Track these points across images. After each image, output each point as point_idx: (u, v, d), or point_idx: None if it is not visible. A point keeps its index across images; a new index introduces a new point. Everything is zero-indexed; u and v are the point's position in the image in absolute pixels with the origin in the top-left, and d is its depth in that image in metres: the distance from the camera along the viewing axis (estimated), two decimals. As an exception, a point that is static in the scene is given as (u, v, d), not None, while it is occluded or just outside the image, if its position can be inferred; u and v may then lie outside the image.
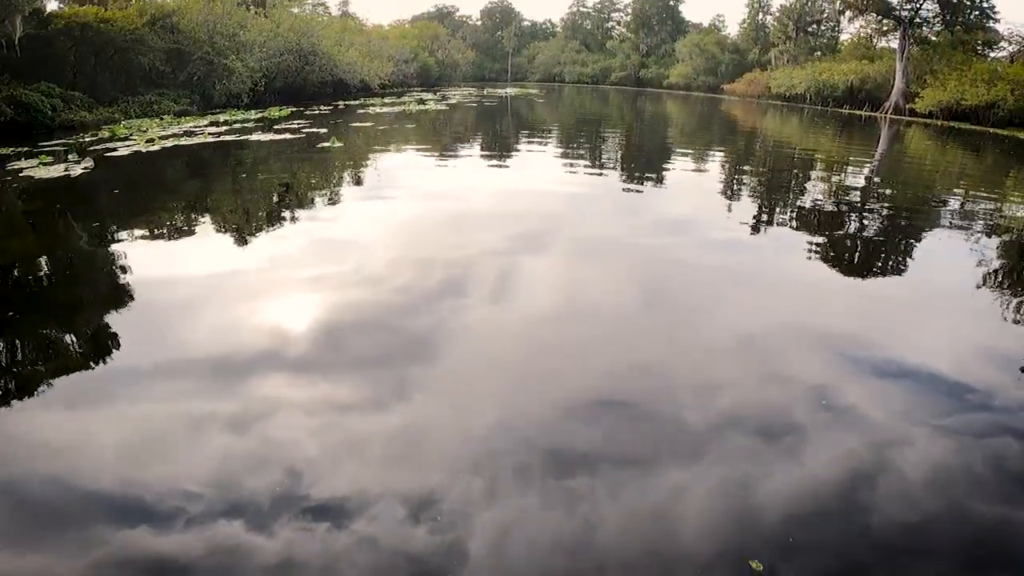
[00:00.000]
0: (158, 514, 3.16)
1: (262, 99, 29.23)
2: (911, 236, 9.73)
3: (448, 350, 4.99)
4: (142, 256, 7.17)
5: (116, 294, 5.97)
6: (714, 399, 4.38)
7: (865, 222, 10.57)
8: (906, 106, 36.88)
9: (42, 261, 7.13)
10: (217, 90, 26.46)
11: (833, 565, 3.07)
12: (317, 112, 26.17)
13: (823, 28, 53.93)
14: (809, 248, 8.64)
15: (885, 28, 42.43)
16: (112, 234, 8.23)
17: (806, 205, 11.71)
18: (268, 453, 3.63)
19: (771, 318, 5.90)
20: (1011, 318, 6.33)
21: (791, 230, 9.71)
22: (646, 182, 13.68)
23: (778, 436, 3.97)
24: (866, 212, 11.39)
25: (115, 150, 14.01)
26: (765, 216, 10.53)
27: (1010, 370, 5.07)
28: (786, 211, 11.17)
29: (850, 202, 12.23)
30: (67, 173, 11.06)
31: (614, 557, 3.04)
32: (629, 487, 3.45)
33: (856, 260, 8.37)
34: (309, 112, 25.85)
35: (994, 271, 7.83)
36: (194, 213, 9.63)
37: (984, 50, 39.13)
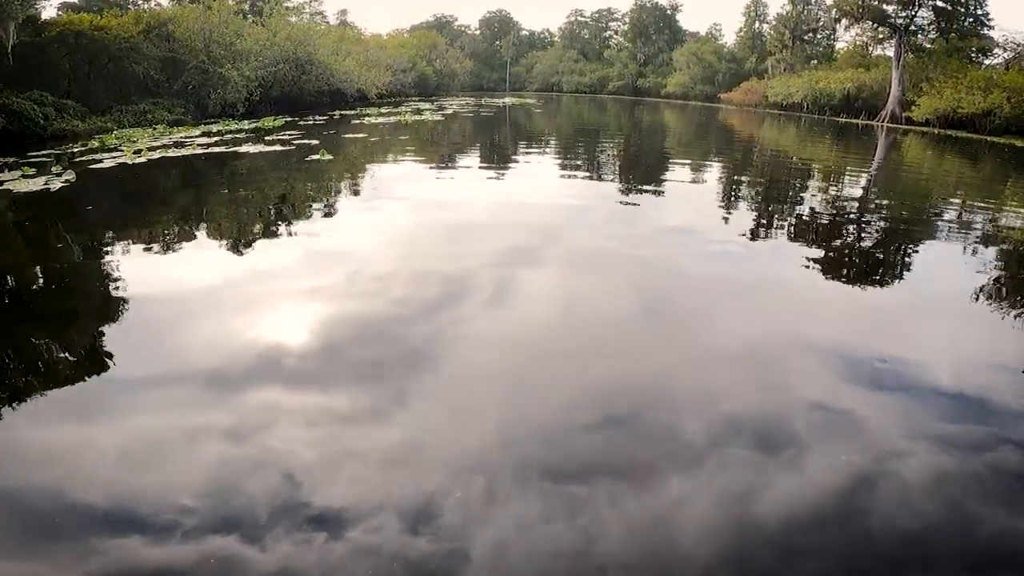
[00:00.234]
0: (154, 526, 3.14)
1: (257, 109, 29.09)
2: (909, 246, 9.68)
3: (446, 361, 4.96)
4: (103, 276, 6.84)
5: (76, 315, 5.83)
6: (714, 409, 4.36)
7: (863, 232, 10.52)
8: (903, 114, 36.89)
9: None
10: (212, 99, 26.32)
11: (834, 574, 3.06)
12: (311, 122, 25.95)
13: (819, 36, 54.11)
14: (808, 258, 8.60)
15: (881, 36, 42.53)
16: (75, 252, 7.82)
17: (804, 215, 11.67)
18: (265, 465, 3.59)
19: (770, 328, 5.88)
20: (1010, 327, 6.31)
21: (789, 240, 9.67)
22: (644, 192, 13.60)
23: (778, 446, 3.94)
24: (864, 222, 11.33)
25: (101, 162, 13.72)
26: (763, 226, 10.50)
27: (1010, 379, 5.03)
28: (784, 221, 11.14)
29: (848, 212, 12.17)
30: (47, 187, 10.80)
31: (614, 569, 3.02)
32: (629, 498, 3.44)
33: (855, 270, 8.32)
34: (303, 122, 25.63)
35: (993, 280, 7.78)
36: (169, 230, 9.15)
37: (978, 57, 39.19)
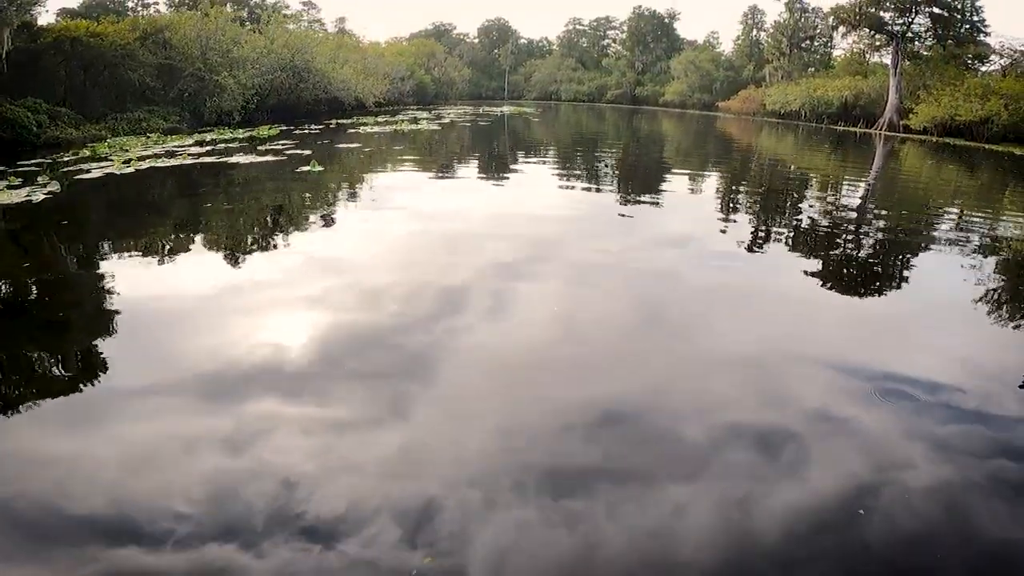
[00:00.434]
0: (150, 535, 3.11)
1: (254, 117, 28.95)
2: (909, 256, 9.63)
3: (445, 371, 4.96)
4: (62, 297, 6.57)
5: (35, 337, 5.62)
6: (714, 419, 4.34)
7: (862, 242, 10.48)
8: (900, 122, 36.86)
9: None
10: (208, 107, 26.17)
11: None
12: (307, 131, 25.65)
13: (816, 44, 54.14)
14: (807, 268, 8.56)
15: (878, 43, 42.54)
16: (37, 271, 7.41)
17: (803, 225, 11.61)
18: (262, 475, 3.57)
19: (770, 338, 5.86)
20: (1009, 336, 6.31)
21: (788, 250, 9.62)
22: (643, 203, 13.50)
23: (779, 456, 3.92)
24: (863, 232, 11.28)
25: (88, 172, 13.53)
26: (763, 236, 10.47)
27: (1009, 388, 5.01)
28: (783, 231, 11.12)
29: (847, 222, 12.11)
30: (28, 199, 10.52)
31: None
32: (629, 505, 3.42)
33: (854, 280, 8.28)
34: (299, 131, 25.35)
35: (992, 291, 7.72)
36: (143, 247, 8.71)
37: (975, 64, 39.19)
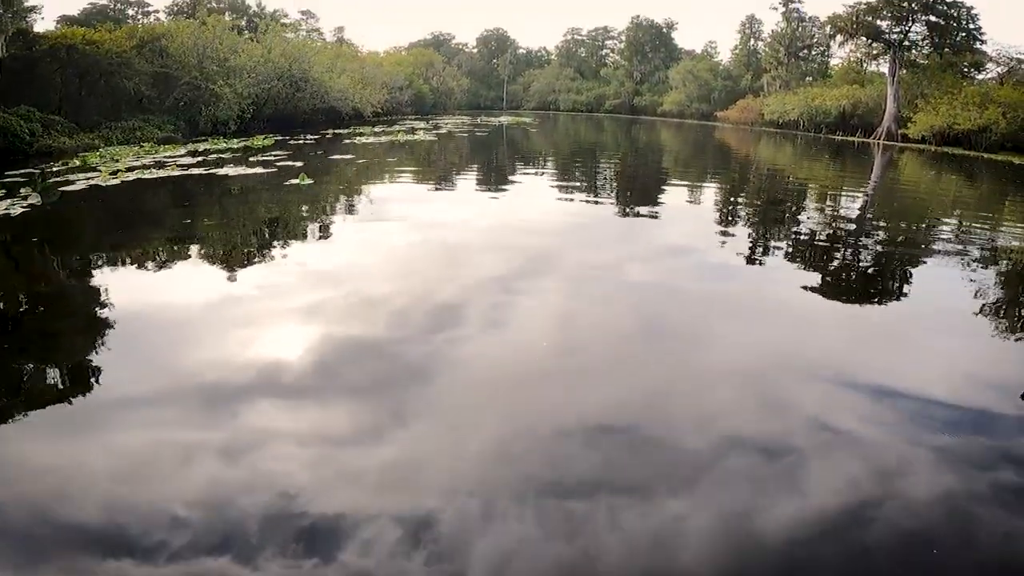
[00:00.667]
0: (144, 547, 3.07)
1: (250, 127, 28.75)
2: (908, 267, 9.57)
3: (444, 381, 4.95)
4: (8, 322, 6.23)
5: None
6: (714, 429, 4.33)
7: (862, 253, 10.42)
8: (898, 131, 36.81)
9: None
10: (203, 116, 26.03)
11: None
12: (301, 141, 25.36)
13: (814, 53, 54.23)
14: (806, 278, 8.53)
15: (875, 52, 42.57)
16: None
17: (803, 236, 11.53)
18: (259, 485, 3.54)
19: (770, 348, 5.85)
20: (1009, 346, 6.30)
21: (787, 260, 9.58)
22: (642, 214, 13.37)
23: (777, 464, 3.91)
24: (862, 243, 11.21)
25: (74, 183, 13.25)
26: (761, 246, 10.43)
27: (1009, 397, 4.99)
28: (782, 241, 11.06)
29: (846, 233, 12.04)
30: (7, 212, 10.20)
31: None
32: (628, 515, 3.40)
33: (853, 291, 8.24)
34: (294, 141, 25.06)
35: (992, 301, 7.64)
36: (113, 265, 8.27)
37: (971, 72, 39.20)
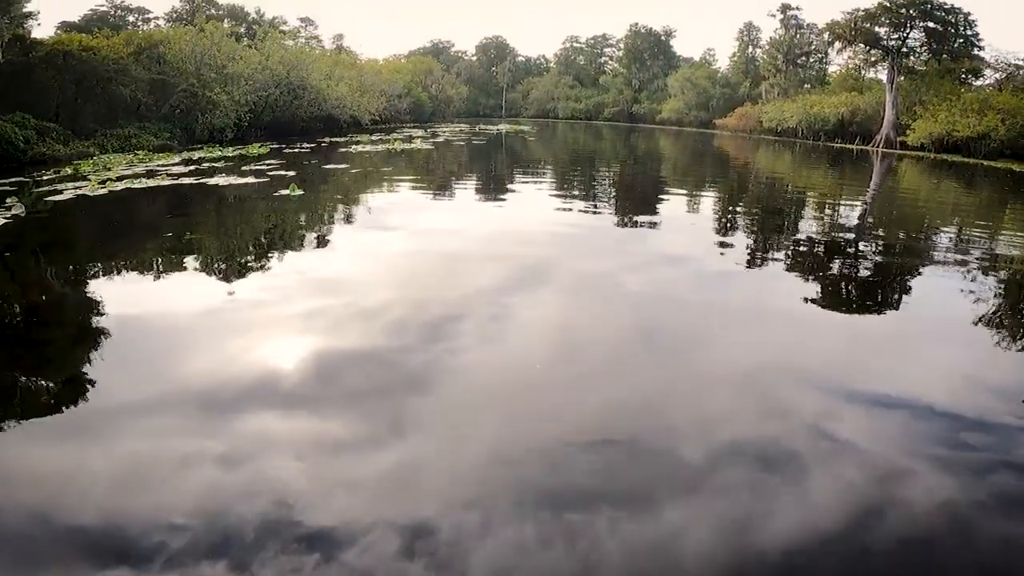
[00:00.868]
0: (142, 553, 3.07)
1: (247, 134, 28.62)
2: (907, 275, 9.52)
3: (443, 391, 4.91)
4: None
5: None
6: (713, 437, 4.33)
7: (861, 261, 10.37)
8: (897, 139, 36.75)
9: None
10: (200, 124, 25.89)
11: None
12: (297, 150, 25.04)
13: (812, 60, 54.27)
14: (805, 287, 8.53)
15: (873, 58, 42.59)
16: None
17: (802, 245, 11.48)
18: (257, 493, 3.53)
19: (769, 356, 5.83)
20: (1009, 354, 6.28)
21: (786, 269, 9.53)
22: (640, 223, 13.23)
23: (776, 472, 3.91)
24: (861, 251, 11.17)
25: (61, 193, 12.89)
26: (761, 255, 10.39)
27: (1009, 405, 4.98)
28: (781, 250, 11.00)
29: (846, 242, 11.99)
30: None
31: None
32: (628, 523, 3.40)
33: (853, 299, 8.21)
34: (289, 150, 24.79)
35: (991, 309, 7.61)
36: (88, 280, 7.89)
37: (969, 78, 39.20)
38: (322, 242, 10.23)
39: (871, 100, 40.87)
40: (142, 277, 8.13)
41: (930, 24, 39.81)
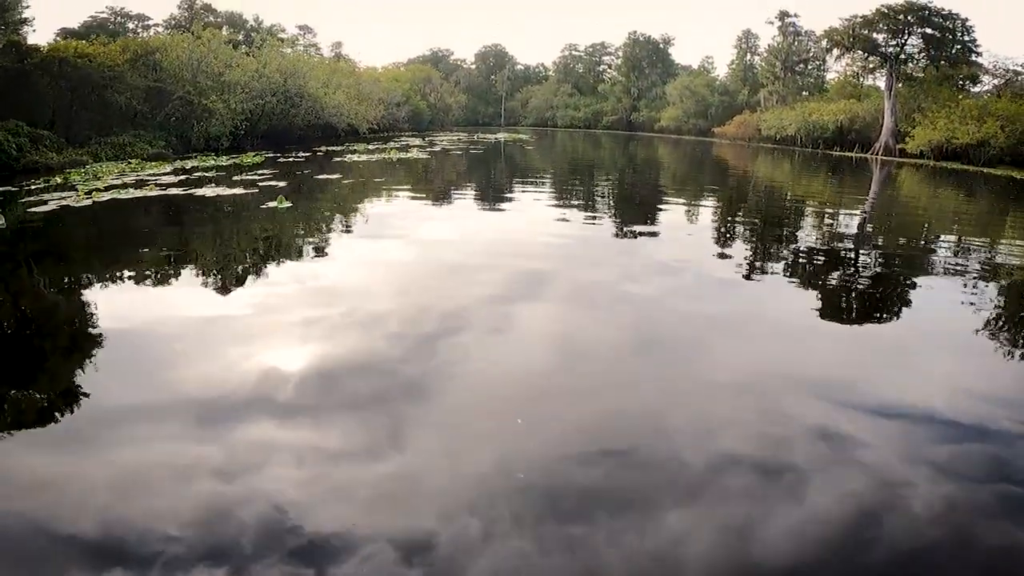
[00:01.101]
0: (140, 561, 3.05)
1: (243, 143, 28.49)
2: (907, 284, 9.44)
3: (442, 400, 4.88)
4: None
5: None
6: (713, 444, 4.33)
7: (861, 270, 10.31)
8: (896, 146, 36.63)
9: None
10: (195, 132, 25.74)
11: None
12: (292, 159, 24.72)
13: (810, 67, 54.25)
14: (805, 296, 8.55)
15: (871, 65, 42.55)
16: None
17: (801, 253, 11.40)
18: (254, 500, 3.52)
19: (767, 364, 5.83)
20: (1009, 363, 6.23)
21: (786, 277, 9.51)
22: (640, 232, 13.08)
23: (776, 480, 3.90)
24: (862, 260, 11.11)
25: (46, 203, 12.69)
26: (760, 264, 10.34)
27: (1008, 413, 4.91)
28: (781, 260, 10.91)
29: (846, 250, 11.91)
30: None
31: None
32: (629, 531, 3.40)
33: (853, 307, 8.15)
34: (284, 159, 24.50)
35: (992, 319, 7.50)
36: (60, 298, 7.61)
37: (967, 85, 39.14)
38: (305, 256, 9.82)
39: (870, 107, 40.79)
40: (110, 295, 7.68)
41: (928, 30, 39.78)
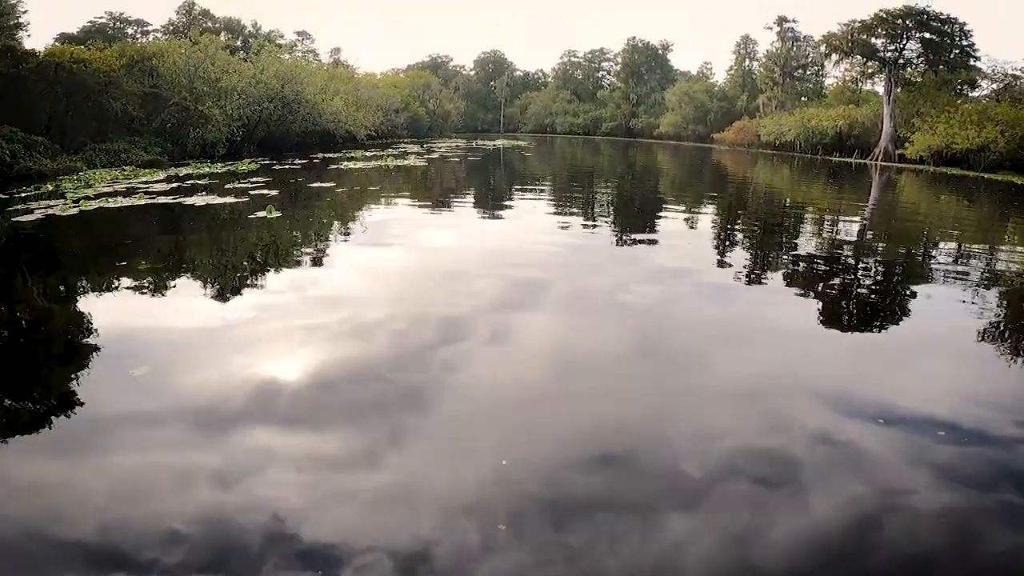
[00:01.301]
0: (139, 566, 3.04)
1: (240, 149, 28.25)
2: (907, 290, 9.40)
3: (441, 409, 4.81)
4: None
5: None
6: (713, 449, 4.31)
7: (861, 276, 10.25)
8: (896, 152, 36.54)
9: None
10: (191, 139, 25.54)
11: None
12: (287, 167, 24.24)
13: (809, 73, 54.29)
14: (805, 302, 8.51)
15: (870, 70, 42.52)
16: None
17: (801, 259, 11.30)
18: (253, 507, 3.49)
19: (768, 370, 5.81)
20: (1011, 369, 6.15)
21: (785, 284, 9.41)
22: (639, 239, 12.91)
23: (776, 486, 3.88)
24: (862, 266, 11.06)
25: (32, 212, 12.23)
26: (759, 270, 10.29)
27: (1010, 419, 4.88)
28: (781, 267, 10.83)
29: (846, 256, 11.84)
30: None
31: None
32: (630, 540, 3.37)
33: (853, 313, 8.11)
34: (279, 166, 24.07)
35: (992, 325, 7.45)
36: (30, 314, 7.10)
37: (965, 89, 39.09)
38: (293, 267, 9.44)
39: (869, 113, 40.75)
40: (87, 305, 7.35)
41: (926, 35, 39.82)
